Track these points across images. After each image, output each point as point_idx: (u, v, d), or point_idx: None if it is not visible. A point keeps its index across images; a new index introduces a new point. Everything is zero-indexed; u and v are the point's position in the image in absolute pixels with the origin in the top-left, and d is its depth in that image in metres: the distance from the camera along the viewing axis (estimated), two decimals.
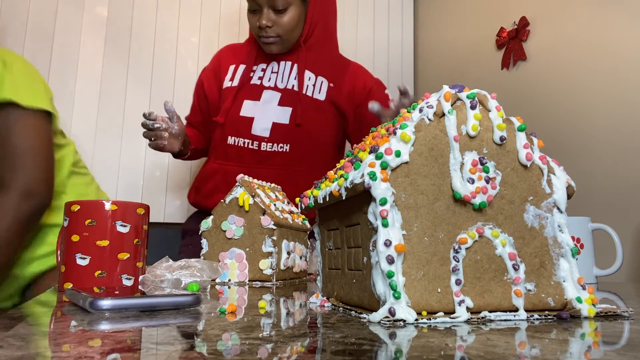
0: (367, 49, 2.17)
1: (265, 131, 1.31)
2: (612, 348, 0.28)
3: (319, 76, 1.36)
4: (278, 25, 1.28)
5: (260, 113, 1.32)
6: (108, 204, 0.59)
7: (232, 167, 1.33)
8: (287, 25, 1.29)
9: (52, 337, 0.30)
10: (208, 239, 0.82)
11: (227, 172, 1.33)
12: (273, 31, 1.28)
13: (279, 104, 1.33)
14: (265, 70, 1.37)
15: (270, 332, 0.32)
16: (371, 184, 0.37)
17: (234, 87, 1.36)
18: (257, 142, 1.32)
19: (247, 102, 1.33)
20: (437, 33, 2.20)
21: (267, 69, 1.37)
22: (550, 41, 1.63)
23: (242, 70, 1.37)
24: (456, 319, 0.36)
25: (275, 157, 1.32)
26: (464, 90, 0.41)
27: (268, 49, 1.33)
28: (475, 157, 0.40)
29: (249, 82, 1.35)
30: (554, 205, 0.41)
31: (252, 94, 1.34)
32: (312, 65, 1.36)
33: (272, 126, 1.31)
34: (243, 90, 1.35)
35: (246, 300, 0.54)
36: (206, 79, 1.44)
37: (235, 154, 1.33)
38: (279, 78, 1.35)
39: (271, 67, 1.37)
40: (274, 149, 1.31)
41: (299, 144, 1.33)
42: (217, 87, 1.41)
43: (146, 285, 0.58)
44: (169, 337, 0.30)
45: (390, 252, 0.36)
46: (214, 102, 1.41)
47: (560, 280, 0.40)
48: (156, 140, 1.20)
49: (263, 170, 1.30)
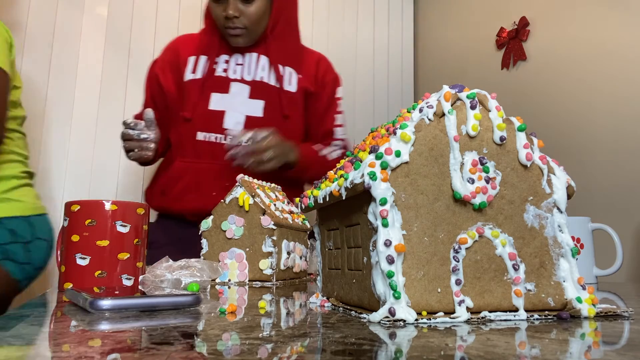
0: (367, 49, 2.17)
1: (239, 125, 1.24)
2: (612, 348, 0.28)
3: (287, 67, 1.32)
4: (245, 16, 1.22)
5: (231, 106, 1.25)
6: (108, 204, 0.59)
7: (203, 164, 1.24)
8: (254, 16, 1.23)
9: (52, 337, 0.30)
10: (208, 239, 0.82)
11: (198, 171, 1.24)
12: (240, 22, 1.22)
13: (250, 97, 1.27)
14: (229, 61, 1.30)
15: (270, 332, 0.32)
16: (371, 184, 0.37)
17: (197, 80, 1.27)
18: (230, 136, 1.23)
19: (215, 95, 1.26)
20: (437, 33, 2.20)
21: (230, 61, 1.30)
22: (550, 41, 1.63)
23: (204, 61, 1.29)
24: (456, 319, 0.36)
25: None
26: (464, 90, 0.41)
27: (235, 41, 1.27)
28: (475, 157, 0.40)
29: (213, 74, 1.28)
30: (554, 205, 0.41)
31: (220, 86, 1.27)
32: (280, 55, 1.32)
33: (246, 119, 1.25)
34: (208, 82, 1.27)
35: (246, 300, 0.54)
36: (161, 72, 1.33)
37: (207, 151, 1.24)
38: (246, 70, 1.29)
39: (235, 58, 1.30)
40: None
41: None
42: (175, 79, 1.31)
43: (146, 285, 0.58)
44: (169, 337, 0.30)
45: (390, 252, 0.36)
46: (172, 97, 1.30)
47: (560, 280, 0.40)
48: (140, 152, 1.13)
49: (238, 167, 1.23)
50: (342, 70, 2.10)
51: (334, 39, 2.11)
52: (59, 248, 0.62)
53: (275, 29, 1.31)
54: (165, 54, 1.36)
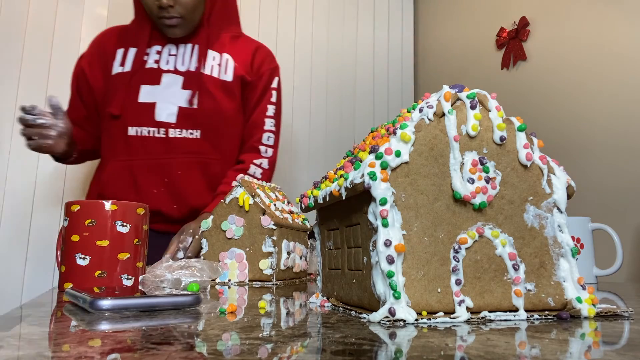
0: (367, 49, 2.17)
1: (172, 116, 1.18)
2: (612, 348, 0.28)
3: (224, 54, 1.25)
4: (180, 4, 1.15)
5: (162, 97, 1.18)
6: (108, 204, 0.59)
7: (138, 161, 1.17)
8: (190, 4, 1.17)
9: (52, 337, 0.30)
10: (208, 239, 0.82)
11: (134, 169, 1.17)
12: (175, 11, 1.15)
13: (183, 88, 1.20)
14: (161, 52, 1.22)
15: (270, 332, 0.32)
16: (371, 184, 0.37)
17: (126, 73, 1.20)
18: (164, 129, 1.18)
19: (145, 87, 1.19)
20: (437, 33, 2.20)
21: (163, 52, 1.22)
22: (550, 41, 1.63)
23: (134, 53, 1.22)
24: (456, 319, 0.36)
25: (185, 144, 1.19)
26: (464, 90, 0.41)
27: (171, 32, 1.20)
28: (475, 157, 0.40)
29: (143, 66, 1.21)
30: (554, 205, 0.41)
31: (150, 78, 1.20)
32: (215, 43, 1.25)
33: (179, 111, 1.18)
34: (138, 75, 1.20)
35: (246, 300, 0.54)
36: (88, 66, 1.25)
37: (140, 146, 1.17)
38: (179, 61, 1.22)
39: (168, 49, 1.23)
40: (183, 135, 1.18)
41: (209, 130, 1.21)
42: (102, 74, 1.24)
43: (146, 285, 0.58)
44: (169, 337, 0.30)
45: (390, 252, 0.36)
46: (100, 92, 1.23)
47: (560, 280, 0.40)
48: (39, 140, 1.05)
49: (174, 160, 1.18)
50: (342, 70, 2.11)
51: (334, 39, 2.11)
52: (59, 248, 0.62)
53: (211, 16, 1.26)
54: (92, 47, 1.28)
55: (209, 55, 1.23)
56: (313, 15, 2.08)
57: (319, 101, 2.05)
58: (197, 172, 1.18)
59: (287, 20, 2.03)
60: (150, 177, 1.16)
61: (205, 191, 1.19)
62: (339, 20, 2.13)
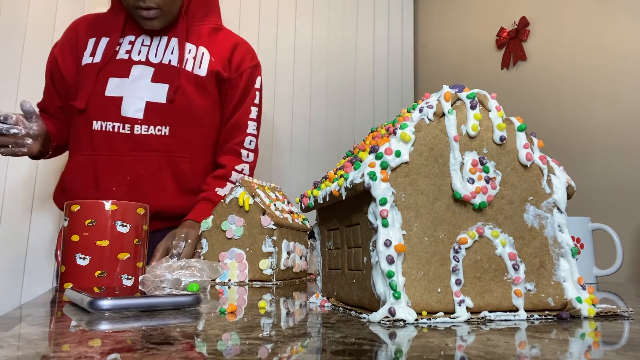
0: (367, 48, 2.17)
1: (139, 112, 1.12)
2: (612, 348, 0.28)
3: (200, 46, 1.20)
4: None
5: (129, 91, 1.13)
6: (108, 204, 0.59)
7: (101, 156, 1.12)
8: None
9: (52, 337, 0.30)
10: (208, 239, 0.82)
11: (97, 164, 1.12)
12: (152, 1, 1.10)
13: (153, 80, 1.14)
14: (134, 42, 1.17)
15: (270, 332, 0.32)
16: (371, 184, 0.37)
17: (95, 64, 1.15)
18: (130, 125, 1.12)
19: (112, 80, 1.14)
20: (437, 33, 2.20)
21: (135, 42, 1.17)
22: (550, 41, 1.63)
23: (105, 43, 1.17)
24: (456, 319, 0.36)
25: (152, 141, 1.13)
26: (464, 90, 0.41)
27: (148, 24, 1.14)
28: (475, 157, 0.40)
29: (114, 58, 1.15)
30: (554, 205, 0.41)
31: (119, 70, 1.15)
32: (192, 35, 1.20)
33: (146, 106, 1.13)
34: (107, 66, 1.14)
35: (246, 300, 0.54)
36: (60, 55, 1.20)
37: (104, 141, 1.12)
38: (152, 52, 1.17)
39: (141, 39, 1.18)
40: (150, 132, 1.13)
41: (179, 127, 1.15)
42: (74, 63, 1.19)
43: (146, 285, 0.58)
44: (169, 337, 0.30)
45: (390, 252, 0.36)
46: (72, 82, 1.18)
47: (560, 280, 0.40)
48: (13, 148, 1.02)
49: (139, 158, 1.12)
50: (342, 70, 2.11)
51: (334, 39, 2.11)
52: (59, 248, 0.62)
53: (189, 8, 1.21)
54: (65, 35, 1.23)
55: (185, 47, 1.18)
56: (313, 15, 2.08)
57: (319, 101, 2.05)
58: (165, 171, 1.13)
59: (287, 20, 2.03)
60: (112, 174, 1.11)
61: (174, 191, 1.14)
62: (339, 20, 2.13)
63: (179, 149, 1.15)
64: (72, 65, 1.19)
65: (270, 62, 1.98)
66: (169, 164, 1.13)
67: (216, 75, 1.20)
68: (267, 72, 1.98)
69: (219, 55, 1.21)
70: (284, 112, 1.99)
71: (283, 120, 1.98)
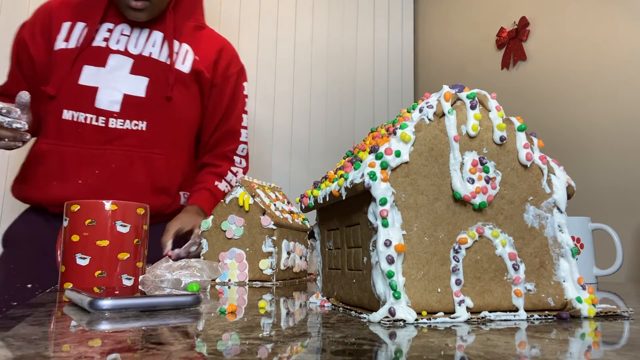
0: (367, 48, 2.17)
1: (115, 104, 1.07)
2: (612, 348, 0.28)
3: (184, 43, 1.17)
4: None
5: (105, 82, 1.08)
6: (108, 204, 0.59)
7: (68, 147, 1.06)
8: None
9: (52, 337, 0.30)
10: (208, 239, 0.82)
11: (63, 155, 1.06)
12: None
13: (132, 72, 1.10)
14: (113, 30, 1.12)
15: (270, 332, 0.32)
16: (371, 184, 0.37)
17: (70, 50, 1.09)
18: (104, 117, 1.07)
19: (87, 68, 1.08)
20: (437, 33, 2.20)
21: (114, 30, 1.12)
22: (550, 41, 1.63)
23: (82, 29, 1.11)
24: (456, 319, 0.36)
25: (127, 136, 1.08)
26: (464, 90, 0.41)
27: (134, 15, 1.10)
28: (475, 157, 0.40)
29: (89, 45, 1.10)
30: (554, 205, 0.41)
31: (95, 58, 1.09)
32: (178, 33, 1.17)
33: (124, 99, 1.08)
34: (83, 53, 1.09)
35: (246, 300, 0.54)
36: (30, 37, 1.13)
37: (73, 132, 1.07)
38: (132, 42, 1.12)
39: (120, 28, 1.12)
40: (126, 126, 1.08)
41: (158, 122, 1.11)
42: (45, 47, 1.12)
43: (146, 285, 0.58)
44: (169, 337, 0.30)
45: (390, 252, 0.36)
46: (41, 67, 1.12)
47: (560, 280, 0.40)
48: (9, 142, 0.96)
49: (111, 152, 1.07)
50: (342, 71, 2.11)
51: (334, 39, 2.11)
52: (59, 248, 0.62)
53: (177, 4, 1.18)
54: (36, 16, 1.15)
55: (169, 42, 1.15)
56: (313, 16, 2.08)
57: (319, 101, 2.05)
58: (138, 167, 1.09)
59: (287, 21, 2.03)
60: (79, 167, 1.06)
61: (145, 189, 1.10)
62: (339, 20, 2.13)
63: (155, 145, 1.11)
64: (43, 49, 1.12)
65: (271, 62, 1.98)
66: (142, 160, 1.10)
67: (199, 74, 1.17)
68: (267, 72, 1.98)
69: (203, 56, 1.19)
70: (284, 112, 1.99)
71: (283, 120, 1.98)
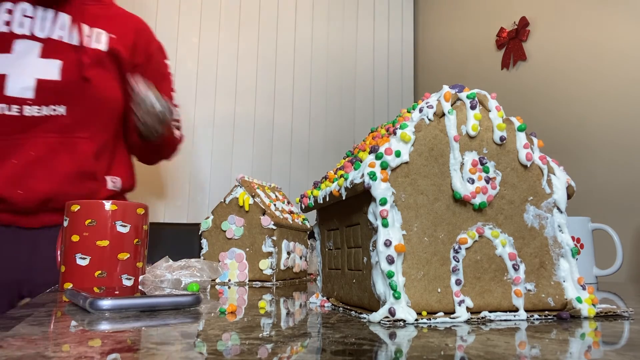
0: (367, 49, 2.17)
1: (28, 91, 1.01)
2: (612, 348, 0.28)
3: (95, 28, 1.11)
4: None
5: (14, 68, 1.02)
6: (108, 204, 0.59)
7: None
8: None
9: (52, 337, 0.30)
10: (208, 239, 0.82)
11: None
12: None
13: (42, 56, 1.04)
14: (13, 12, 1.05)
15: (270, 332, 0.32)
16: (371, 184, 0.37)
17: None
18: (18, 106, 1.01)
19: None
20: (437, 33, 2.20)
21: (15, 12, 1.05)
22: (550, 41, 1.63)
23: None
24: (456, 319, 0.36)
25: (46, 123, 1.03)
26: (464, 90, 0.41)
27: None
28: (475, 157, 0.40)
29: None
30: (554, 205, 0.41)
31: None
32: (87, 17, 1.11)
33: (37, 84, 1.02)
34: None
35: (246, 300, 0.54)
36: None
37: None
38: (37, 25, 1.06)
39: (21, 9, 1.05)
40: (43, 112, 1.03)
41: (78, 105, 1.06)
42: None
43: (146, 285, 0.58)
44: (169, 337, 0.30)
45: (390, 252, 0.36)
46: None
47: (560, 280, 0.40)
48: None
49: (31, 140, 1.02)
50: (342, 71, 2.11)
51: (334, 39, 2.11)
52: (59, 248, 0.62)
53: None
54: None
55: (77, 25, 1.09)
56: (313, 16, 2.08)
57: (319, 101, 2.05)
58: (61, 154, 1.04)
59: (287, 21, 2.03)
60: None
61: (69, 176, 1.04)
62: (339, 21, 2.13)
63: (78, 129, 1.07)
64: None
65: (271, 62, 1.98)
66: (65, 145, 1.05)
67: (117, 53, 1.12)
68: (268, 72, 1.98)
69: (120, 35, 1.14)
70: (284, 112, 1.99)
71: (283, 120, 1.98)
